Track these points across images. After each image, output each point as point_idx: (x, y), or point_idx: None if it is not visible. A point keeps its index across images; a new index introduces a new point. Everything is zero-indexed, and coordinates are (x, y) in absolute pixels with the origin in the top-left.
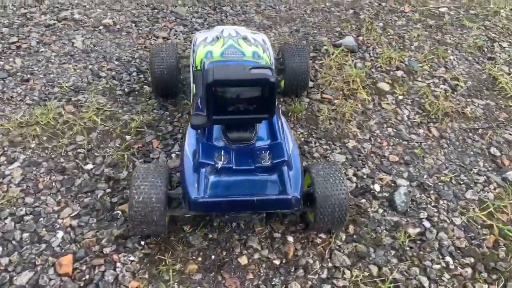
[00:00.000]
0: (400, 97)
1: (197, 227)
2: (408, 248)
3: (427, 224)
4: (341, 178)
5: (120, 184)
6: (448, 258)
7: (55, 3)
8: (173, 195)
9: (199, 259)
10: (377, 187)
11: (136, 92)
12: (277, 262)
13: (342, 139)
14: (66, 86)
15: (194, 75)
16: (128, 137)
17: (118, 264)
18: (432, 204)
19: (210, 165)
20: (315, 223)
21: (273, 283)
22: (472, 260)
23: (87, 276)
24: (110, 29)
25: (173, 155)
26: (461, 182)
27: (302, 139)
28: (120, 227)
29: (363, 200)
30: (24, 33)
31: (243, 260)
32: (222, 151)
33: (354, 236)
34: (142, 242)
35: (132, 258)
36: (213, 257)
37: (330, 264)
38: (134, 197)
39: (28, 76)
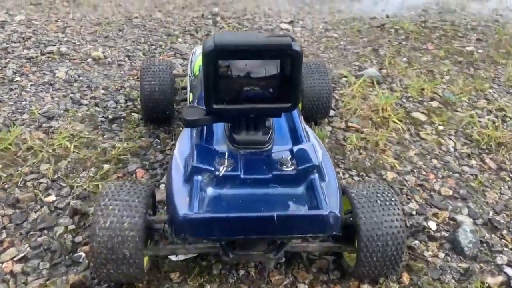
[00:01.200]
0: (441, 127)
1: (190, 276)
2: None
3: (509, 271)
4: (393, 199)
5: (88, 219)
6: None
7: (42, 40)
8: (156, 223)
9: None
10: (432, 225)
11: (122, 119)
12: None
13: (377, 170)
14: (39, 113)
15: (191, 84)
16: (106, 166)
17: None
18: (510, 247)
19: (208, 172)
20: (358, 266)
21: None
22: None
23: None
24: (100, 62)
25: (161, 186)
26: None
27: None
28: (80, 273)
29: (416, 242)
30: (1, 64)
31: None
32: (226, 154)
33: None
34: None
35: None
36: None
37: None
38: (98, 221)
39: None
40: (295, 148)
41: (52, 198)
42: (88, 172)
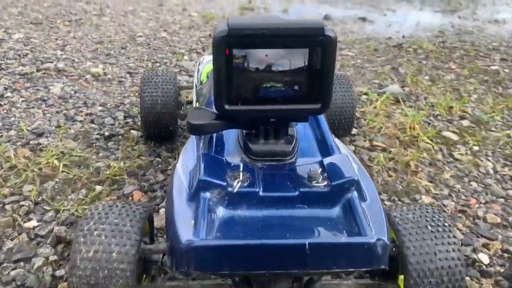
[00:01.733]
0: (475, 148)
1: None
2: None
3: None
4: (447, 224)
5: None
6: None
7: (39, 57)
8: (153, 254)
9: None
10: (483, 258)
11: (120, 137)
12: None
13: (411, 194)
14: (27, 130)
15: (197, 93)
16: (98, 187)
17: None
18: None
19: (218, 187)
20: None
21: None
22: None
23: None
24: (99, 78)
25: (161, 211)
26: None
27: None
28: None
29: (467, 278)
30: None
31: None
32: (241, 167)
33: None
34: None
35: None
36: None
37: None
38: (80, 249)
39: None
40: (326, 161)
41: (33, 223)
42: (77, 194)
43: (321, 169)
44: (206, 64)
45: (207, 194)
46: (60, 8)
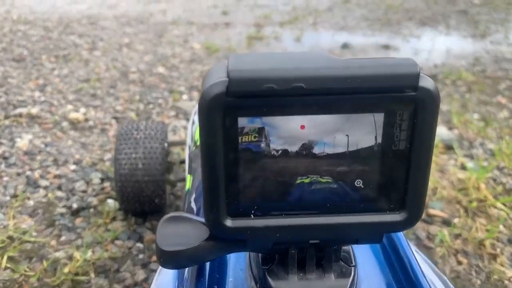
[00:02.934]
0: None
1: None
2: None
3: None
4: None
5: None
6: None
7: (12, 101)
8: None
9: None
10: None
11: (92, 210)
12: None
13: None
14: None
15: (191, 159)
16: None
17: None
18: None
19: None
20: None
21: None
22: None
23: None
24: (78, 126)
25: None
26: None
27: None
28: None
29: None
30: None
31: None
32: None
33: None
34: None
35: None
36: None
37: None
38: None
39: None
40: None
41: None
42: None
43: None
44: None
45: None
46: (49, 42)
